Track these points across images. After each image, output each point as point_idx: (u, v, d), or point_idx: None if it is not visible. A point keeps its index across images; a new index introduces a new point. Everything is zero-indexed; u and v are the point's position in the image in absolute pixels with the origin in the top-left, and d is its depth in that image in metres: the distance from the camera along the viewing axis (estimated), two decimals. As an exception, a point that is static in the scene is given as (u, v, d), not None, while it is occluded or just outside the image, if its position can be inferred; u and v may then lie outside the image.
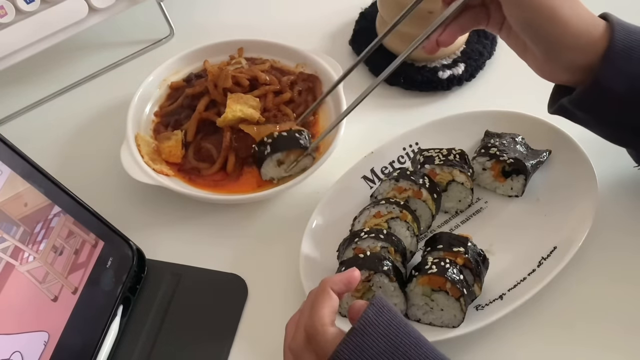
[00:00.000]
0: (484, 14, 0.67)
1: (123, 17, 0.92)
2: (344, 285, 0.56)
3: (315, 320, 0.53)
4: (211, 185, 0.77)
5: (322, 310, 0.54)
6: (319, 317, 0.53)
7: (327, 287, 0.55)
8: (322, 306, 0.54)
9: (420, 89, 0.87)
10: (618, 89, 0.61)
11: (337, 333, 0.52)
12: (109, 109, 0.88)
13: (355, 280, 0.56)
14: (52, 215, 0.63)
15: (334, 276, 0.56)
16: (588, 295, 0.68)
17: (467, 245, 0.65)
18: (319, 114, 0.82)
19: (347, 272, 0.56)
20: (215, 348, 0.67)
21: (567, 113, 0.66)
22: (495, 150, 0.73)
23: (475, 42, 0.90)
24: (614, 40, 0.60)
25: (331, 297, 0.55)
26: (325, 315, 0.53)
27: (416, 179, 0.70)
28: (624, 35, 0.60)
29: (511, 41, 0.67)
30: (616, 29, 0.61)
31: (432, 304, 0.63)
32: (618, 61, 0.60)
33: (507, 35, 0.67)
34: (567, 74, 0.63)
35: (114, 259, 0.68)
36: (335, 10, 0.98)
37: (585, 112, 0.64)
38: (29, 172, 0.61)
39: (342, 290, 0.56)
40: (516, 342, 0.66)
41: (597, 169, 0.71)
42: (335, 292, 0.55)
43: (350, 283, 0.56)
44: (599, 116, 0.64)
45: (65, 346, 0.61)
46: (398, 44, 0.87)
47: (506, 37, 0.67)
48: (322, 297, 0.54)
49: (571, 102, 0.64)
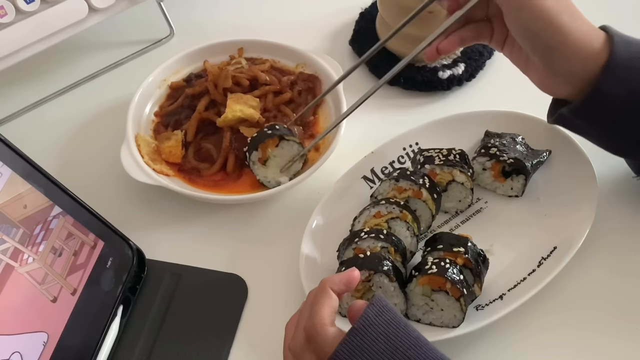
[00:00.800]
0: (487, 30, 0.67)
1: (123, 17, 0.92)
2: (343, 285, 0.56)
3: (315, 320, 0.53)
4: (211, 185, 0.77)
5: (322, 310, 0.54)
6: (319, 317, 0.53)
7: (327, 287, 0.55)
8: (322, 306, 0.54)
9: (420, 89, 0.87)
10: (618, 97, 0.61)
11: (337, 333, 0.52)
12: (109, 109, 0.88)
13: (355, 280, 0.56)
14: (51, 217, 0.63)
15: (333, 276, 0.56)
16: (588, 295, 0.68)
17: (467, 245, 0.65)
18: (319, 114, 0.82)
19: (347, 272, 0.56)
20: (215, 348, 0.67)
21: (566, 122, 0.67)
22: (495, 150, 0.73)
23: (475, 42, 0.90)
24: (615, 51, 0.60)
25: (331, 297, 0.55)
26: (325, 315, 0.53)
27: (416, 179, 0.70)
28: (624, 47, 0.61)
29: (514, 56, 0.67)
30: (616, 41, 0.61)
31: (432, 304, 0.63)
32: (619, 70, 0.60)
33: (510, 50, 0.67)
34: (568, 86, 0.63)
35: (114, 259, 0.68)
36: (335, 10, 0.98)
37: (585, 121, 0.64)
38: (29, 172, 0.61)
39: (342, 290, 0.56)
40: (516, 342, 0.66)
41: (597, 169, 0.71)
42: (335, 292, 0.55)
43: (350, 283, 0.56)
44: (598, 125, 0.65)
45: (65, 346, 0.61)
46: (398, 44, 0.87)
47: (509, 53, 0.68)
48: (321, 297, 0.54)
49: (571, 110, 0.64)
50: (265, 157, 0.74)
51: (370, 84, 0.89)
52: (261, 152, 0.74)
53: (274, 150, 0.74)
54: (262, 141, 0.74)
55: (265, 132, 0.74)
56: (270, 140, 0.74)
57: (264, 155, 0.74)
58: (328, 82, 0.83)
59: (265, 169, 0.75)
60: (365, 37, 0.92)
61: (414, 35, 0.85)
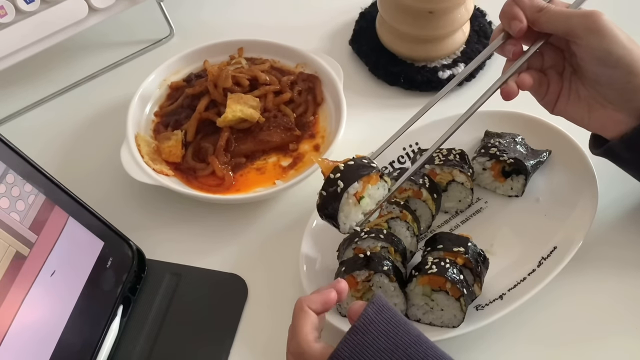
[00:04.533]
0: (543, 82, 0.66)
1: (123, 17, 0.92)
2: (321, 305, 0.55)
3: (299, 340, 0.53)
4: (211, 185, 0.77)
5: (303, 329, 0.54)
6: (302, 336, 0.53)
7: (304, 305, 0.55)
8: (302, 325, 0.54)
9: (421, 89, 0.87)
10: None
11: (323, 347, 0.53)
12: (109, 109, 0.88)
13: (331, 302, 0.56)
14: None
15: (310, 295, 0.56)
16: (588, 295, 0.68)
17: (467, 245, 0.65)
18: (319, 114, 0.82)
19: (325, 294, 0.56)
20: (215, 348, 0.67)
21: (614, 155, 0.66)
22: (495, 150, 0.73)
23: (475, 41, 0.90)
24: None
25: (308, 315, 0.55)
26: (308, 332, 0.54)
27: (416, 179, 0.70)
28: None
29: (572, 108, 0.66)
30: None
31: (432, 303, 0.63)
32: None
33: (566, 103, 0.66)
34: (631, 119, 0.63)
35: (113, 259, 0.68)
36: (335, 11, 0.98)
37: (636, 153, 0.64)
38: (29, 172, 0.61)
39: (319, 310, 0.55)
40: (516, 342, 0.66)
41: (597, 169, 0.71)
42: (312, 310, 0.55)
43: (327, 304, 0.56)
44: None
45: (65, 346, 0.61)
46: (398, 44, 0.87)
47: (565, 106, 0.66)
48: (300, 317, 0.55)
49: (624, 141, 0.63)
50: (363, 193, 0.60)
51: (370, 84, 0.89)
52: (362, 185, 0.60)
53: (371, 187, 0.61)
54: (367, 174, 0.60)
55: (365, 163, 0.61)
56: (373, 176, 0.61)
57: (362, 191, 0.60)
58: (328, 82, 0.83)
59: (356, 207, 0.60)
60: (365, 37, 0.92)
61: (414, 35, 0.85)
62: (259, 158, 0.79)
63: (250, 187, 0.77)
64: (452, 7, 0.82)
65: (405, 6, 0.82)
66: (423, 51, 0.87)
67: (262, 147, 0.79)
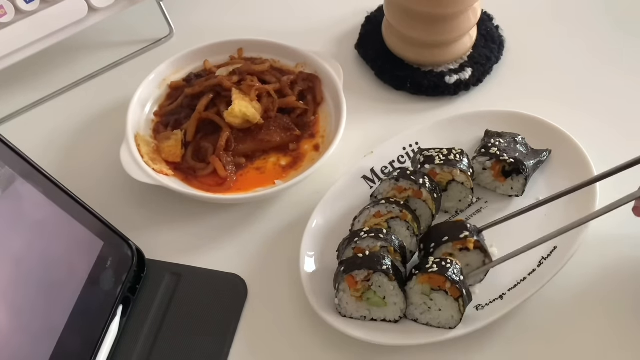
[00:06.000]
0: None
1: (123, 16, 0.92)
2: None
3: None
4: (211, 185, 0.77)
5: None
6: None
7: None
8: None
9: (427, 93, 0.86)
10: None
11: None
12: (109, 109, 0.88)
13: None
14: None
15: None
16: (588, 295, 0.68)
17: (467, 227, 0.66)
18: (319, 114, 0.82)
19: None
20: (215, 348, 0.67)
21: None
22: (496, 150, 0.73)
23: (482, 46, 0.89)
24: None
25: None
26: None
27: (416, 179, 0.70)
28: None
29: None
30: None
31: (431, 303, 0.63)
32: None
33: None
34: None
35: (113, 259, 0.68)
36: (341, 15, 0.97)
37: None
38: (28, 172, 0.61)
39: None
40: (516, 342, 0.66)
41: (597, 169, 0.71)
42: None
43: None
44: None
45: (64, 346, 0.61)
46: (405, 48, 0.87)
47: None
48: None
49: None
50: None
51: (376, 89, 0.88)
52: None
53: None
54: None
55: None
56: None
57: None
58: (328, 81, 0.83)
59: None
60: (371, 41, 0.91)
61: (420, 40, 0.85)
62: (258, 158, 0.79)
63: (250, 187, 0.77)
64: (460, 12, 0.82)
65: (412, 11, 0.82)
66: (430, 56, 0.86)
67: (262, 147, 0.80)
